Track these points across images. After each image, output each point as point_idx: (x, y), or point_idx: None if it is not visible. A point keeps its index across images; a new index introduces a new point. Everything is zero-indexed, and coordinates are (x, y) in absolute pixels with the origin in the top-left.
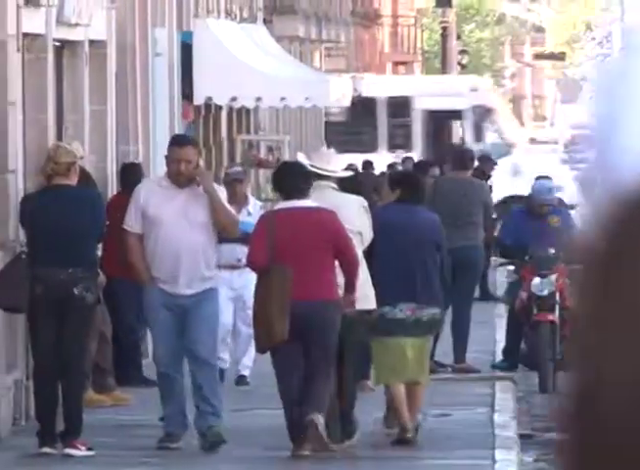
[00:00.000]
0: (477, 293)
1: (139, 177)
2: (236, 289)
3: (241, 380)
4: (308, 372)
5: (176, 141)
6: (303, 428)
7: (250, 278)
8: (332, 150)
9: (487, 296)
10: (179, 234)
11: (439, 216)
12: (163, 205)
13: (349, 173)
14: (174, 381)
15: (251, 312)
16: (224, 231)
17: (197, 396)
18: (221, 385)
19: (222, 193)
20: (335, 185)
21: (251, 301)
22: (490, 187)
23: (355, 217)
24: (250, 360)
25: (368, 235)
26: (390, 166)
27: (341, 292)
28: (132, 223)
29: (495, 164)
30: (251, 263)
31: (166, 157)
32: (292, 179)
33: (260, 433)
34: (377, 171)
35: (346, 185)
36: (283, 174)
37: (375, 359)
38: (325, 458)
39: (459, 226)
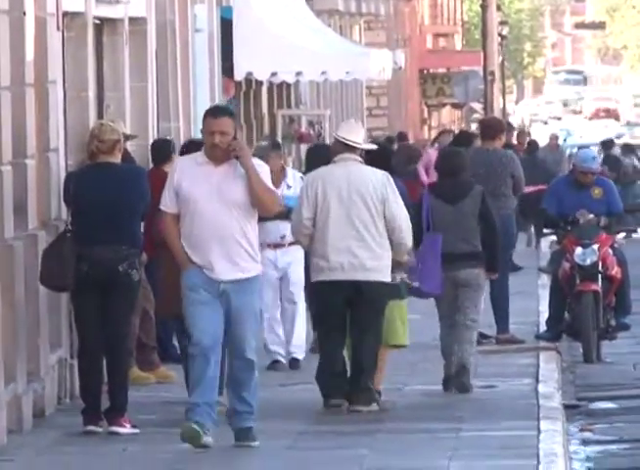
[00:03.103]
0: None
1: (168, 154)
2: (280, 268)
3: (294, 363)
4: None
5: (211, 112)
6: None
7: (295, 256)
8: (359, 122)
9: (513, 267)
10: (215, 215)
11: None
12: (198, 183)
13: (373, 146)
14: (209, 365)
15: (294, 289)
16: (263, 209)
17: (235, 394)
18: (257, 382)
19: (264, 169)
20: (359, 158)
21: (296, 278)
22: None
23: (378, 189)
24: (300, 340)
25: (397, 204)
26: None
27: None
28: (167, 203)
29: (514, 129)
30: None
31: (202, 130)
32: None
33: (304, 407)
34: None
35: (373, 157)
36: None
37: None
38: (368, 432)
39: None
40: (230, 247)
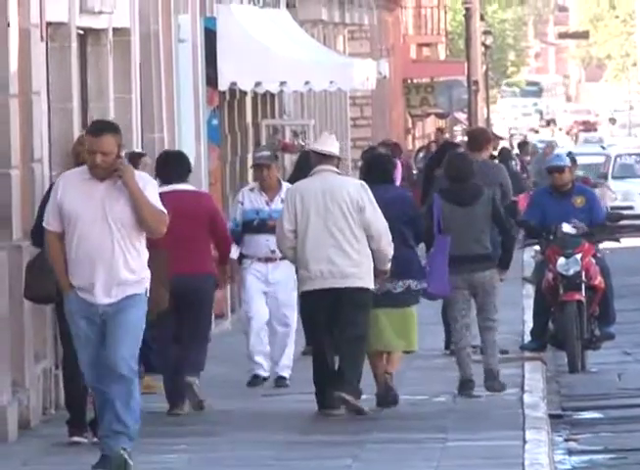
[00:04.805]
0: None
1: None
2: (271, 283)
3: (280, 381)
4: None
5: (91, 130)
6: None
7: (285, 273)
8: (332, 134)
9: None
10: (96, 235)
11: None
12: (80, 200)
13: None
14: (106, 398)
15: (287, 312)
16: (149, 231)
17: (109, 413)
18: (138, 402)
19: (152, 185)
20: (335, 168)
21: (286, 298)
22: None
23: (354, 197)
24: (288, 360)
25: (373, 213)
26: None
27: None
28: (49, 220)
29: (500, 138)
30: None
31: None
32: (171, 166)
33: (290, 417)
34: None
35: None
36: (163, 163)
37: None
38: (354, 442)
39: None
40: (110, 269)
